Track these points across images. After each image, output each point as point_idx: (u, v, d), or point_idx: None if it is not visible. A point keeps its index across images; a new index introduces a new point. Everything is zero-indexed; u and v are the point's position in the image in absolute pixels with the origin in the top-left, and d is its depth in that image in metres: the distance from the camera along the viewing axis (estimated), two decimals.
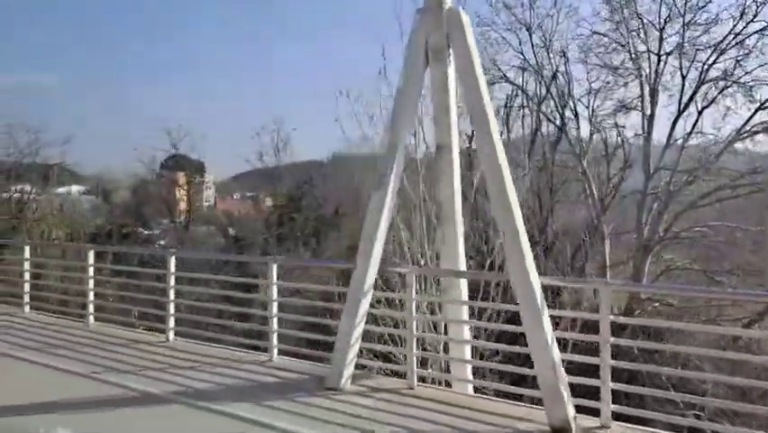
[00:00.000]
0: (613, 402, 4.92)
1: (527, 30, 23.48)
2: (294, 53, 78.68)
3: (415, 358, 5.93)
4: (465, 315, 6.38)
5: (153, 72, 74.50)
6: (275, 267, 7.04)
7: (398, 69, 6.17)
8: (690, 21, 19.66)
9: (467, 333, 6.38)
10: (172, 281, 8.03)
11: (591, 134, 22.38)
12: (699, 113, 20.79)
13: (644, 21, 19.80)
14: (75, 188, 42.06)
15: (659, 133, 21.44)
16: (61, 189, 36.32)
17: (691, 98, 20.48)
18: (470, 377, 6.19)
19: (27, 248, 10.10)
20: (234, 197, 55.47)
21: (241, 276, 20.41)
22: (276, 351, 7.03)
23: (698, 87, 20.26)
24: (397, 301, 8.02)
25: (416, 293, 6.04)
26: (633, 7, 19.84)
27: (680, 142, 20.87)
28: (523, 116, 21.75)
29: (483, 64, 17.01)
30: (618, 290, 13.83)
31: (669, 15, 19.31)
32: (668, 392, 8.66)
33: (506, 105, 21.60)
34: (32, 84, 63.41)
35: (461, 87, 5.53)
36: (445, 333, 7.33)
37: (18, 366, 7.11)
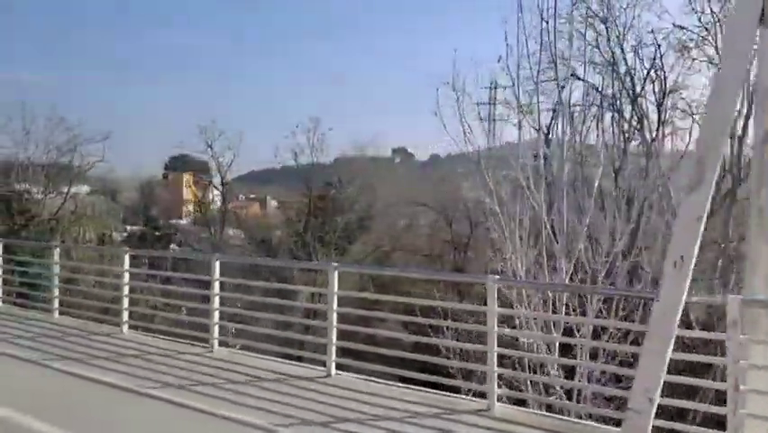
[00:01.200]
0: None
1: (603, 23, 22.02)
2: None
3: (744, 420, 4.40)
4: None
5: (150, 73, 73.52)
6: (495, 288, 5.51)
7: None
8: None
9: None
10: (335, 304, 6.50)
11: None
12: None
13: None
14: (84, 189, 40.82)
15: None
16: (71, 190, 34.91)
17: None
18: None
19: (127, 257, 8.55)
20: (239, 198, 54.33)
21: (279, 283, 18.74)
22: (496, 397, 5.50)
23: None
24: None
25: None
26: None
27: None
28: (601, 117, 20.10)
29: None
30: None
31: None
32: None
33: (586, 105, 19.98)
34: (28, 83, 62.08)
35: None
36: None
37: (167, 413, 5.60)
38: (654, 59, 21.20)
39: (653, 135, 19.24)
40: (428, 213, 37.69)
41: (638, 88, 20.86)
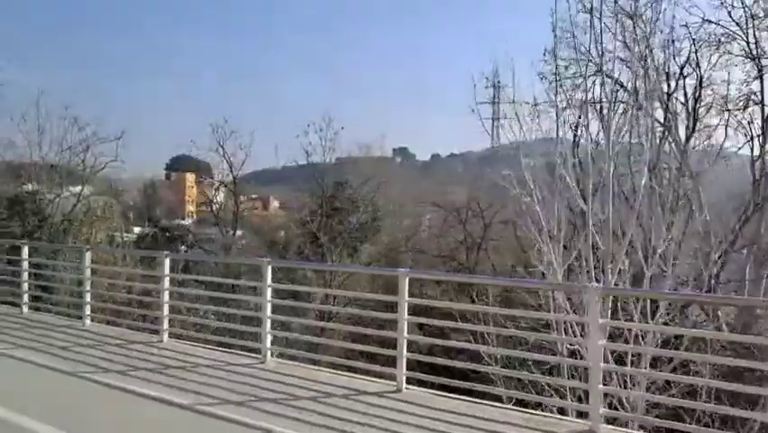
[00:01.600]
0: None
1: (630, 18, 21.48)
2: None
3: None
4: None
5: (150, 73, 73.22)
6: (599, 298, 4.95)
7: None
8: None
9: None
10: (405, 313, 5.95)
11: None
12: None
13: None
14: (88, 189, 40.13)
15: None
16: (73, 190, 34.21)
17: None
18: None
19: (167, 261, 7.97)
20: (241, 198, 53.84)
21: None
22: (600, 418, 4.94)
23: None
24: None
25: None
26: None
27: None
28: (635, 115, 19.51)
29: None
30: None
31: None
32: None
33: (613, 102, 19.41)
34: (27, 82, 61.47)
35: None
36: None
37: (228, 431, 5.06)
38: (689, 54, 20.60)
39: (687, 133, 18.72)
40: (435, 212, 37.18)
41: (670, 85, 20.31)
